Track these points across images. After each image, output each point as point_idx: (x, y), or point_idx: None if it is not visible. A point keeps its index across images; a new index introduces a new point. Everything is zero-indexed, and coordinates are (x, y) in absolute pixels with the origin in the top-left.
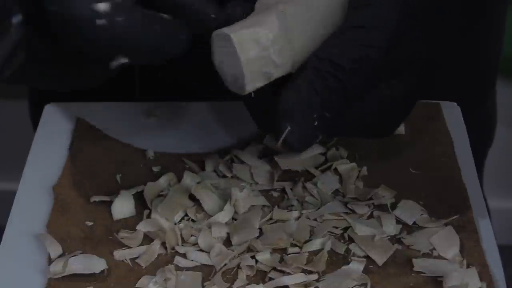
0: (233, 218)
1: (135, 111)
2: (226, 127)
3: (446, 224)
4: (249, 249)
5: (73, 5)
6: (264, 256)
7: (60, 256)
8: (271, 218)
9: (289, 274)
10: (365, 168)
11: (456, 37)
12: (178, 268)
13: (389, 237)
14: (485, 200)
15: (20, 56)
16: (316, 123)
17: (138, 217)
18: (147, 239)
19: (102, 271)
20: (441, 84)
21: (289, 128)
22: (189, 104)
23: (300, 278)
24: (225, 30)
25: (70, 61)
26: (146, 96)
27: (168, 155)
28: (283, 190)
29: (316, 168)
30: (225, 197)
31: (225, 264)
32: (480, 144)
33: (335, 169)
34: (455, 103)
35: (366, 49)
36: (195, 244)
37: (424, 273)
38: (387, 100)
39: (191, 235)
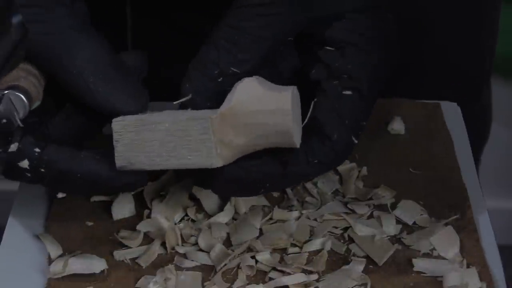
0: (233, 218)
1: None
2: None
3: (446, 224)
4: (249, 249)
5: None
6: (264, 256)
7: (60, 256)
8: (271, 218)
9: (289, 274)
10: (365, 168)
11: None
12: (178, 268)
13: (389, 237)
14: (484, 199)
15: (20, 56)
16: (220, 79)
17: (138, 217)
18: (147, 239)
19: (102, 271)
20: (436, 79)
21: (190, 96)
22: None
23: (300, 278)
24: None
25: None
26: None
27: None
28: (283, 190)
29: None
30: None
31: (225, 264)
32: (475, 139)
33: (335, 169)
34: (455, 103)
35: None
36: (195, 244)
37: (424, 273)
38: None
39: (191, 235)
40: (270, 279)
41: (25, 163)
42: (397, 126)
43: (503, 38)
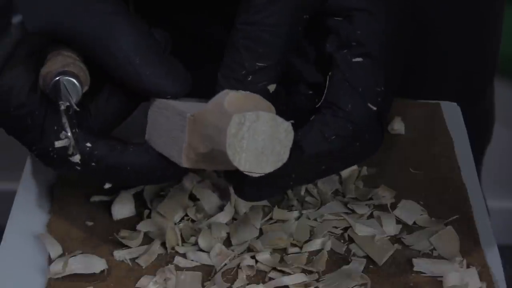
0: (233, 218)
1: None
2: None
3: (446, 224)
4: (249, 249)
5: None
6: (264, 256)
7: (60, 256)
8: (271, 218)
9: (289, 274)
10: (365, 168)
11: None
12: (178, 268)
13: (389, 237)
14: (484, 199)
15: (20, 56)
16: (250, 77)
17: (138, 217)
18: (147, 239)
19: (102, 271)
20: (438, 80)
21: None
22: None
23: (300, 278)
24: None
25: None
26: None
27: None
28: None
29: None
30: (225, 197)
31: (225, 264)
32: (478, 140)
33: None
34: (455, 103)
35: None
36: (195, 244)
37: (424, 273)
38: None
39: (191, 235)
40: (270, 279)
41: (76, 158)
42: (397, 126)
43: (506, 38)
